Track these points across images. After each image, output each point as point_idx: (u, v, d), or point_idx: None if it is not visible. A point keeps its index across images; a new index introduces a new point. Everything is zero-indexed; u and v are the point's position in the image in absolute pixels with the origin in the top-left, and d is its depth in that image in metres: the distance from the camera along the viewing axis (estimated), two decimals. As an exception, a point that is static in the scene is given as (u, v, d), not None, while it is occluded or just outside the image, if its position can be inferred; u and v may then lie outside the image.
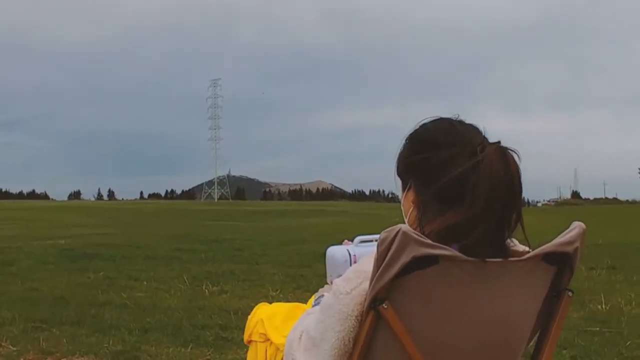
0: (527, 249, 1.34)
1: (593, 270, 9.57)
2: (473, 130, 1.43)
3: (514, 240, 1.36)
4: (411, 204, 1.43)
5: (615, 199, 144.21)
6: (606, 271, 9.63)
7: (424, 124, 1.48)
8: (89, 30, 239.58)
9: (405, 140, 1.50)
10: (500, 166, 1.28)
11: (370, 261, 1.24)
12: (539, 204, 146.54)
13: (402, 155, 1.49)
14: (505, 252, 1.31)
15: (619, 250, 13.24)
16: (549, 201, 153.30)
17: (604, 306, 6.64)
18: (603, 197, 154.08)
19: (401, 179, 1.51)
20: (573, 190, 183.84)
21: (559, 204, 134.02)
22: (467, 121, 1.47)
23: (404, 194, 1.48)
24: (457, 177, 1.30)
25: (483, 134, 1.42)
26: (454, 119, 1.47)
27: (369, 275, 1.23)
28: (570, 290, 1.37)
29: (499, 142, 1.35)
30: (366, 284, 1.25)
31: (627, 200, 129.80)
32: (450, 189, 1.31)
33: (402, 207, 1.51)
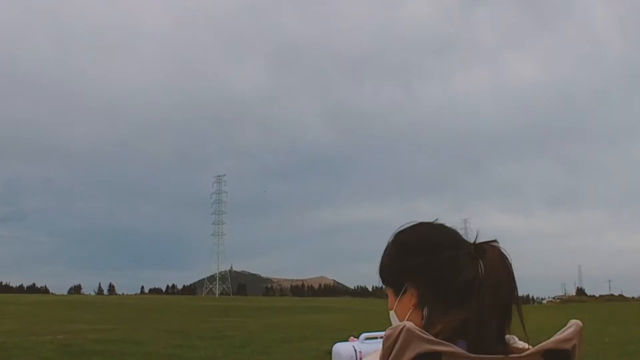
0: (527, 345, 1.38)
1: (600, 370, 9.40)
2: (454, 232, 1.50)
3: (514, 337, 1.40)
4: (410, 307, 1.46)
5: (621, 295, 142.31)
6: (614, 371, 9.46)
7: (412, 228, 1.53)
8: (94, 128, 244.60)
9: (393, 245, 1.53)
10: (501, 266, 1.35)
11: (374, 359, 1.27)
12: (544, 301, 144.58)
13: (397, 260, 1.51)
14: (506, 348, 1.34)
15: (627, 348, 13.03)
16: (554, 298, 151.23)
17: (612, 407, 6.51)
18: (608, 294, 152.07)
19: (393, 284, 1.52)
20: (578, 287, 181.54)
21: (564, 300, 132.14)
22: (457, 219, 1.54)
23: (398, 299, 1.50)
24: (464, 279, 1.36)
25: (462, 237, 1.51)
26: (435, 223, 1.53)
27: None
28: (571, 388, 1.38)
29: (495, 240, 1.41)
30: None
31: (633, 297, 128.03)
32: (457, 291, 1.36)
33: (393, 313, 1.52)
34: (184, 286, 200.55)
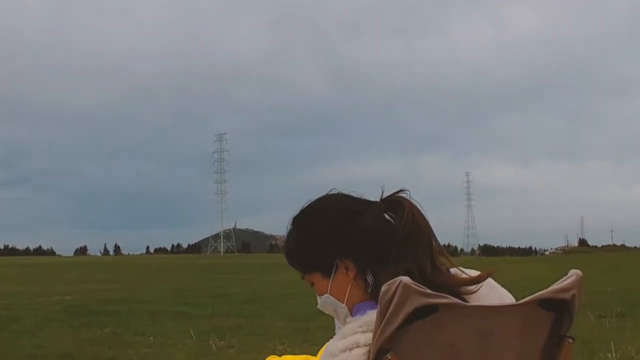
0: (473, 272, 1.41)
1: (603, 318, 9.49)
2: (354, 195, 1.53)
3: (460, 267, 1.45)
4: (349, 282, 1.44)
5: (623, 245, 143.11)
6: (616, 319, 9.55)
7: (317, 205, 1.52)
8: (95, 90, 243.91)
9: (307, 228, 1.50)
10: (418, 212, 1.43)
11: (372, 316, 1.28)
12: (547, 252, 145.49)
13: (319, 239, 1.47)
14: (454, 280, 1.39)
15: (629, 297, 13.13)
16: (556, 249, 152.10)
17: (614, 355, 6.58)
18: (611, 244, 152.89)
19: (321, 266, 1.47)
20: (580, 238, 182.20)
21: (567, 252, 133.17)
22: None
23: (331, 279, 1.46)
24: (392, 232, 1.40)
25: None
26: (331, 193, 1.55)
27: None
28: (571, 337, 1.38)
29: (402, 190, 1.47)
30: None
31: (635, 247, 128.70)
32: (389, 247, 1.38)
33: (327, 296, 1.48)
34: (189, 245, 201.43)
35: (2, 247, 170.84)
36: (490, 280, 1.42)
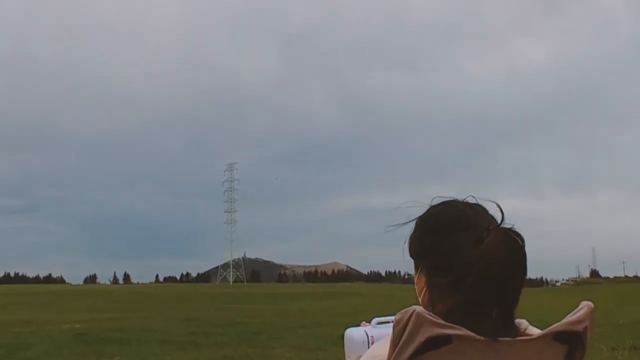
0: (539, 331, 1.35)
1: (615, 351, 9.38)
2: (482, 213, 1.45)
3: (524, 321, 1.36)
4: (423, 286, 1.47)
5: (635, 277, 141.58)
6: (628, 352, 9.43)
7: (435, 208, 1.51)
8: (106, 119, 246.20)
9: (416, 223, 1.52)
10: (503, 252, 1.28)
11: (383, 346, 1.28)
12: (558, 284, 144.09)
13: (413, 239, 1.52)
14: (514, 333, 1.32)
15: (642, 330, 12.97)
16: (568, 280, 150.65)
17: (627, 388, 6.49)
18: (623, 275, 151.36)
19: (413, 260, 1.53)
20: (592, 269, 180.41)
21: (578, 283, 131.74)
22: (481, 200, 1.50)
23: (416, 275, 1.51)
24: (464, 266, 1.30)
25: (493, 216, 1.45)
26: (465, 201, 1.50)
27: (383, 359, 1.27)
28: (582, 369, 1.37)
29: (506, 226, 1.33)
30: None
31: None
32: (458, 276, 1.33)
33: (415, 287, 1.52)
34: (198, 274, 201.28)
35: (12, 275, 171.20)
36: (523, 321, 1.38)
